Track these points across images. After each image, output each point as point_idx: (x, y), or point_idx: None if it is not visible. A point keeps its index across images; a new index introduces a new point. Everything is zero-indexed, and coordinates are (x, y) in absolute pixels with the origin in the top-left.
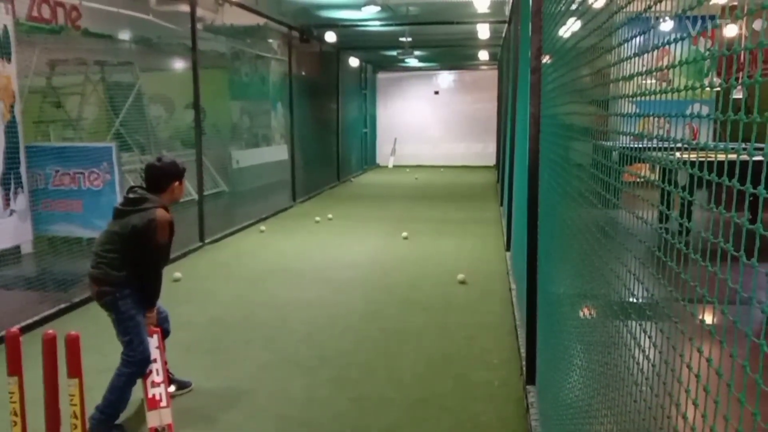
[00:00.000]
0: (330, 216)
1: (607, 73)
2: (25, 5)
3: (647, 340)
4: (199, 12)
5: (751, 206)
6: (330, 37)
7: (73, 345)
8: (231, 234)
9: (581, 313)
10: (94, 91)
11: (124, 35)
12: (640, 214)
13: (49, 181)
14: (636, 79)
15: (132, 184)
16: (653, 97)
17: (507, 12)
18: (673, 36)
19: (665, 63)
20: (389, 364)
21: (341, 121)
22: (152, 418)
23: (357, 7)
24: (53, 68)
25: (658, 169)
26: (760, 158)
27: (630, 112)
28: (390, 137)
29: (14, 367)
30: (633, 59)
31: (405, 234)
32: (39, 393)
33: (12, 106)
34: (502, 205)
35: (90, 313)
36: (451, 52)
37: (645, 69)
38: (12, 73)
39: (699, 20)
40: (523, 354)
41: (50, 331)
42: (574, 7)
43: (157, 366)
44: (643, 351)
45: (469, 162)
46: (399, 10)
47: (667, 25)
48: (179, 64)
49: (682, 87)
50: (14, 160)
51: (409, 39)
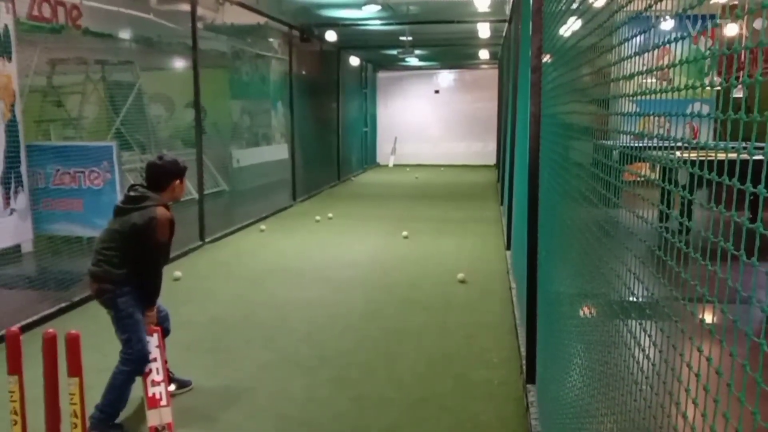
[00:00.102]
0: (330, 215)
1: (607, 72)
2: (25, 4)
3: (647, 339)
4: (200, 11)
5: (752, 205)
6: (330, 36)
7: (73, 344)
8: (231, 233)
9: (581, 312)
10: (95, 91)
11: (125, 34)
12: (640, 213)
13: (50, 180)
14: (636, 78)
15: (132, 183)
16: (654, 96)
17: (507, 11)
18: (674, 35)
19: (665, 62)
20: (389, 364)
21: (341, 120)
22: (152, 417)
23: (357, 6)
24: (54, 67)
25: (658, 168)
26: (760, 157)
27: (630, 111)
28: (390, 136)
29: (14, 366)
30: (633, 58)
31: (405, 233)
32: (39, 392)
33: (12, 105)
34: (502, 204)
35: (90, 312)
36: (451, 51)
37: (645, 68)
38: (12, 72)
39: (699, 20)
40: (523, 353)
41: (50, 330)
42: (574, 6)
43: (157, 365)
44: (643, 350)
45: (470, 161)
46: (399, 9)
47: (667, 24)
48: (180, 63)
49: (682, 86)
50: (15, 159)
51: (410, 38)
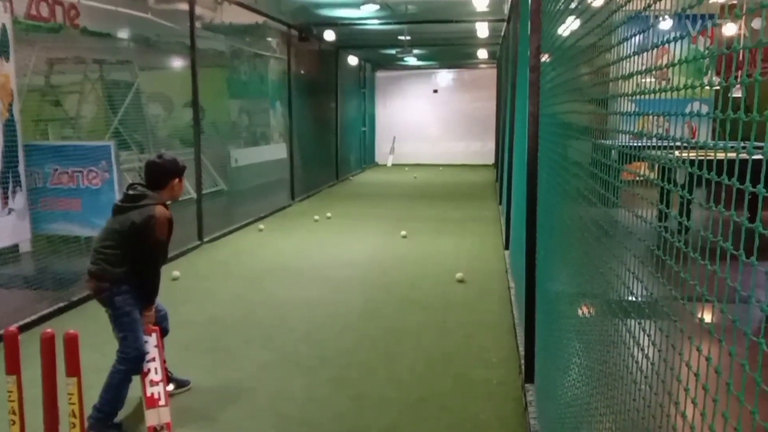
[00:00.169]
0: (329, 215)
1: (606, 71)
2: (23, 3)
3: (646, 338)
4: (198, 10)
5: (751, 205)
6: (329, 35)
7: (71, 344)
8: (229, 233)
9: (580, 312)
10: (93, 90)
11: (123, 34)
12: (639, 212)
13: (48, 180)
14: (635, 77)
15: (131, 182)
16: (652, 95)
17: (506, 10)
18: (673, 35)
19: (664, 62)
20: (389, 363)
21: (340, 119)
22: (151, 417)
23: (356, 5)
24: (52, 67)
25: (657, 168)
26: (759, 157)
27: (629, 110)
28: (389, 136)
29: (13, 366)
30: (632, 58)
31: (404, 233)
32: (37, 392)
33: (10, 105)
34: (500, 203)
35: (89, 312)
36: (450, 50)
37: (644, 68)
38: (10, 72)
39: (699, 19)
40: (522, 352)
41: (49, 329)
42: (573, 5)
43: (155, 365)
44: (642, 349)
45: (468, 161)
46: (398, 8)
47: (666, 24)
48: (178, 63)
49: (681, 85)
50: (13, 159)
51: (408, 37)
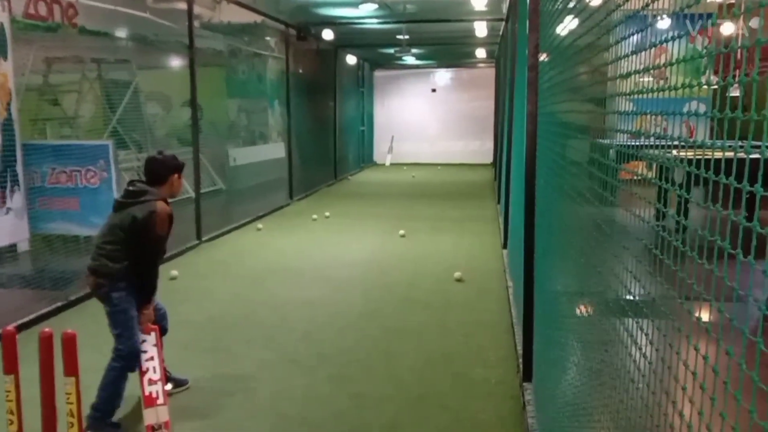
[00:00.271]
0: (327, 214)
1: (604, 71)
2: (21, 2)
3: (644, 337)
4: (197, 9)
5: (748, 204)
6: (327, 34)
7: (69, 343)
8: (228, 232)
9: (578, 311)
10: (91, 89)
11: (121, 33)
12: (636, 211)
13: (46, 179)
14: (633, 76)
15: (131, 179)
16: (650, 94)
17: (504, 10)
18: (671, 34)
19: (662, 61)
20: (388, 362)
21: (338, 118)
22: (149, 416)
23: (354, 4)
24: (50, 66)
25: (655, 167)
26: (756, 156)
27: (627, 109)
28: (387, 135)
29: (10, 366)
30: (630, 57)
31: (402, 232)
32: (35, 391)
33: (8, 104)
34: (499, 202)
35: (87, 311)
36: (448, 49)
37: (642, 67)
38: (8, 71)
39: (698, 18)
40: (520, 351)
41: (47, 329)
42: (571, 5)
43: (154, 363)
44: (640, 348)
45: (467, 160)
46: (396, 7)
47: (664, 23)
48: (176, 62)
49: (679, 85)
50: (11, 158)
51: (407, 37)
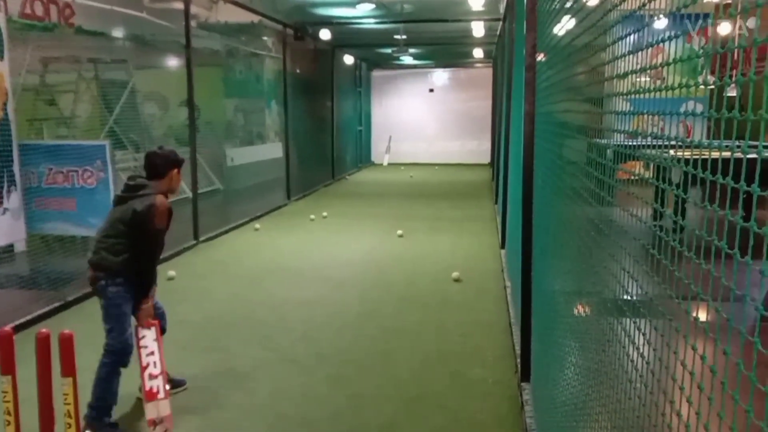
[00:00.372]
0: (325, 214)
1: (601, 70)
2: (17, 2)
3: (641, 337)
4: (193, 9)
5: (745, 204)
6: (324, 34)
7: (66, 344)
8: (225, 232)
9: (576, 311)
10: (88, 89)
11: (118, 32)
12: (634, 211)
13: (43, 179)
14: (630, 76)
15: (130, 174)
16: (647, 94)
17: (502, 10)
18: (668, 34)
19: (659, 61)
20: (386, 362)
21: (336, 118)
22: (150, 410)
23: (351, 4)
24: (46, 66)
25: (652, 167)
26: (753, 156)
27: (624, 109)
28: (385, 135)
29: (7, 366)
30: (627, 57)
31: (400, 232)
32: (33, 392)
33: (5, 104)
34: (496, 202)
35: (85, 312)
36: (445, 49)
37: (639, 67)
38: (5, 71)
39: (697, 18)
40: (518, 351)
41: (43, 329)
42: (568, 4)
43: (154, 358)
44: (638, 348)
45: (464, 160)
46: (393, 7)
47: (661, 23)
48: (173, 62)
49: (676, 84)
50: (7, 158)
51: (404, 36)
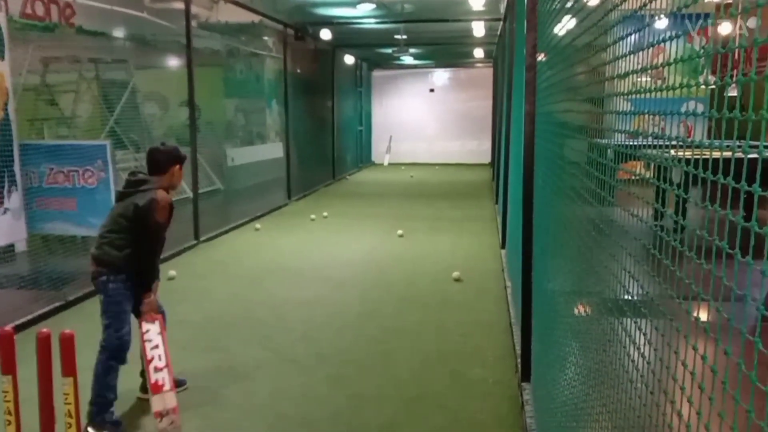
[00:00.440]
0: (325, 214)
1: (602, 70)
2: (18, 2)
3: (642, 337)
4: (194, 9)
5: (746, 204)
6: (325, 34)
7: (67, 343)
8: (226, 232)
9: (576, 311)
10: (88, 89)
11: (119, 32)
12: (634, 211)
13: (43, 179)
14: (631, 76)
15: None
16: (648, 94)
17: (502, 9)
18: (669, 34)
19: (660, 61)
20: (386, 362)
21: (336, 118)
22: (156, 402)
23: (352, 4)
24: (47, 66)
25: (652, 167)
26: (754, 156)
27: (625, 109)
28: (385, 135)
29: (8, 366)
30: (628, 57)
31: (400, 232)
32: (33, 392)
33: (5, 104)
34: (497, 202)
35: (85, 312)
36: (446, 49)
37: (640, 67)
38: (5, 71)
39: (697, 18)
40: (518, 351)
41: (44, 329)
42: (569, 4)
43: (159, 351)
44: (638, 348)
45: (465, 160)
46: (394, 7)
47: (661, 23)
48: (174, 62)
49: (676, 84)
50: (8, 158)
51: (405, 36)
